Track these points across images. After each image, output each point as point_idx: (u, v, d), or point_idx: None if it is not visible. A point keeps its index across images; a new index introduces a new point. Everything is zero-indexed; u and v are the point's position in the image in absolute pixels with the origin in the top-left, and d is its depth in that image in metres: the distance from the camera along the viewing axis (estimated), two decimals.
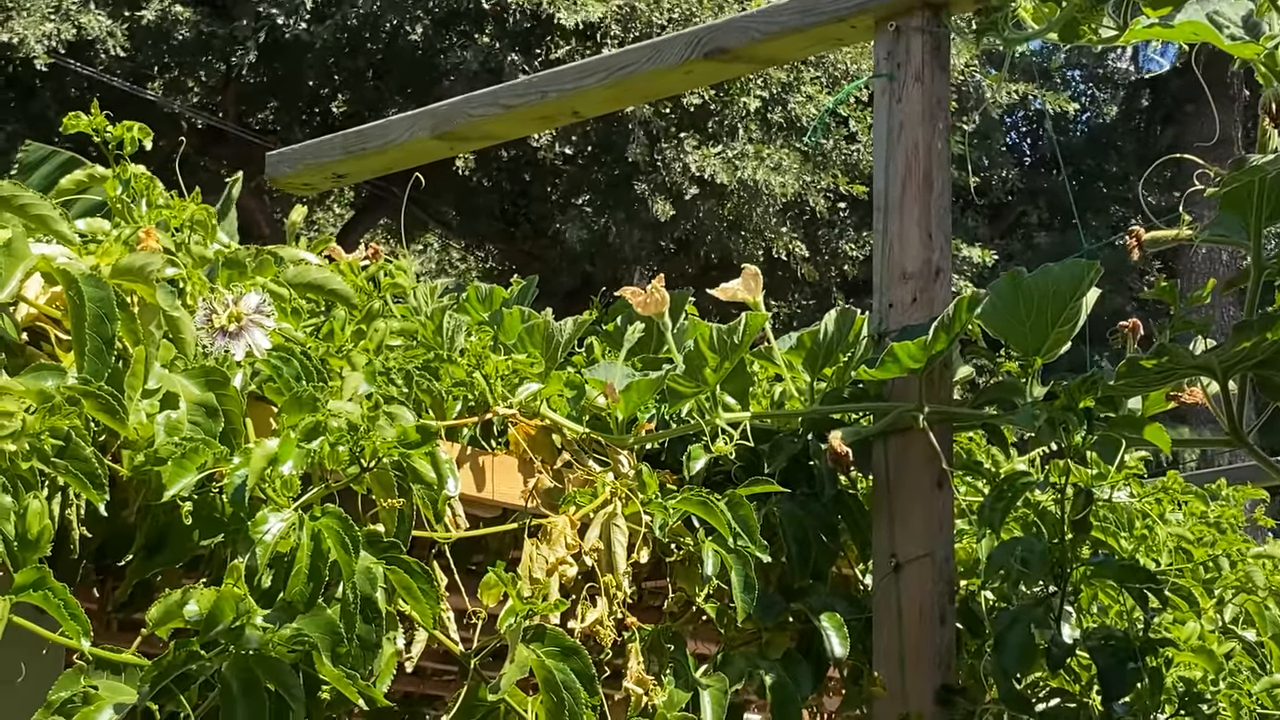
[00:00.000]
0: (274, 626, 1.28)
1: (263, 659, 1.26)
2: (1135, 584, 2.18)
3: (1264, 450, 2.05)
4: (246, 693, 1.27)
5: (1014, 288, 2.10)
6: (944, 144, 2.29)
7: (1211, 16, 1.67)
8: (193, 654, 1.24)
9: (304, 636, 1.30)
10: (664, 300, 2.13)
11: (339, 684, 1.35)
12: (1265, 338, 1.82)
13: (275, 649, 1.27)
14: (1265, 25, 1.65)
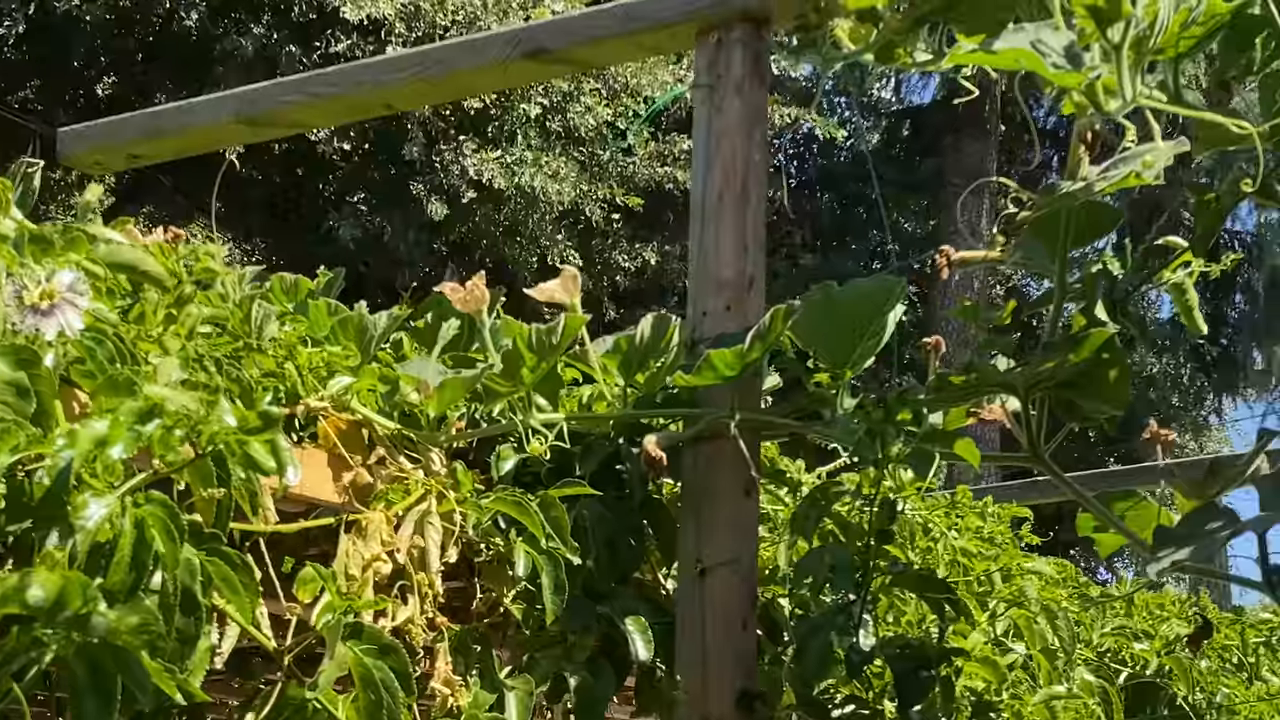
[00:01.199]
0: (122, 614, 1.22)
1: (111, 648, 1.20)
2: (932, 594, 2.24)
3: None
4: (95, 684, 1.20)
5: (825, 300, 2.14)
6: (761, 156, 2.32)
7: (1035, 44, 1.71)
8: (36, 640, 1.17)
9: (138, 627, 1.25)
10: (484, 297, 2.11)
11: (159, 678, 1.29)
12: (1068, 359, 1.88)
13: (124, 638, 1.21)
14: (1086, 56, 1.70)
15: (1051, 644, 2.85)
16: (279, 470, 1.46)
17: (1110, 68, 1.64)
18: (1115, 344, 1.91)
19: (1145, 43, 1.62)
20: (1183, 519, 1.85)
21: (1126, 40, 1.59)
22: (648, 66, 11.54)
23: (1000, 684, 2.47)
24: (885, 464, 2.04)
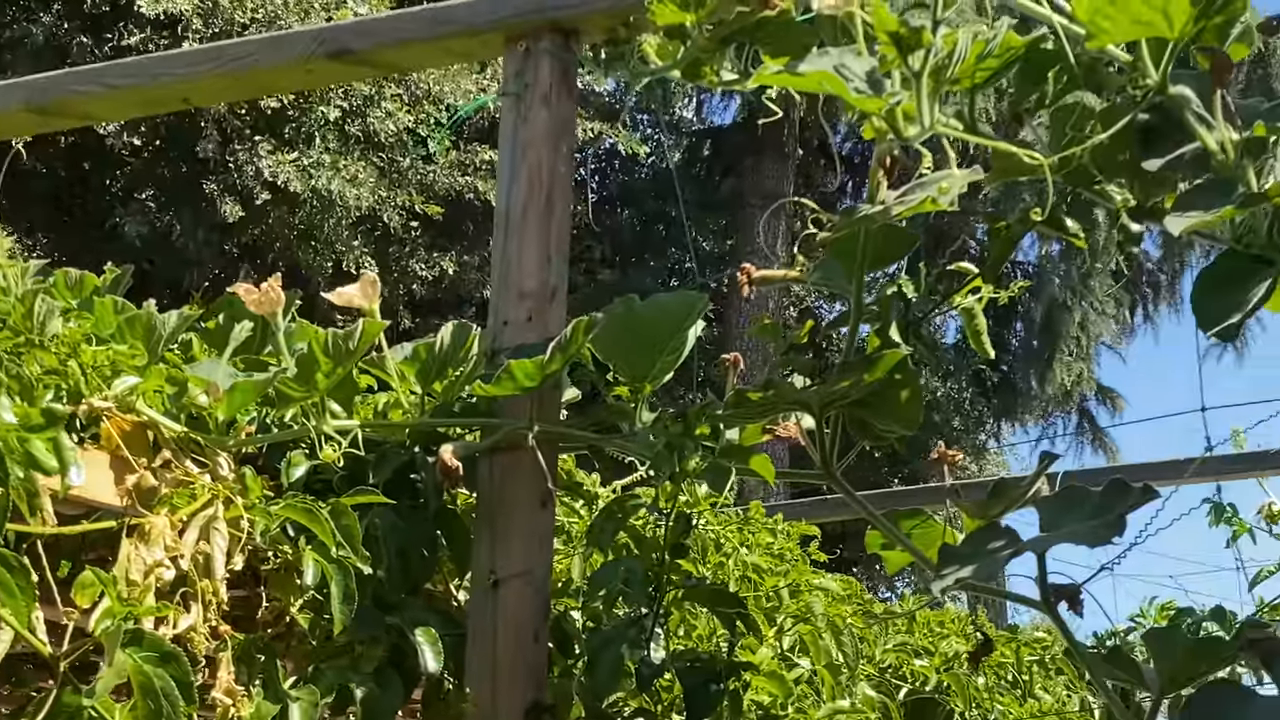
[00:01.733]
0: None
1: None
2: (724, 609, 2.26)
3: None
4: None
5: (627, 314, 2.14)
6: (567, 167, 2.32)
7: (839, 68, 1.74)
8: None
9: None
10: (278, 300, 2.07)
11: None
12: (863, 378, 1.92)
13: None
14: (887, 82, 1.74)
15: (836, 659, 2.90)
16: (61, 470, 1.41)
17: (910, 94, 1.68)
18: (908, 365, 1.95)
19: (944, 72, 1.66)
20: (966, 538, 1.89)
21: (926, 68, 1.63)
22: (451, 74, 11.49)
23: (786, 698, 2.51)
24: (682, 478, 2.05)
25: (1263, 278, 1.84)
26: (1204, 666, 1.76)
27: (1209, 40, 1.82)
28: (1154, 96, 1.83)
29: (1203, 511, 4.31)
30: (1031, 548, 1.81)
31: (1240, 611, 4.03)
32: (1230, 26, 1.82)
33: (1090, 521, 1.81)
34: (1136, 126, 1.93)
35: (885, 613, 3.65)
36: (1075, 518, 1.86)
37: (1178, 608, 4.17)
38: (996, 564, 1.80)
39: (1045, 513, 1.90)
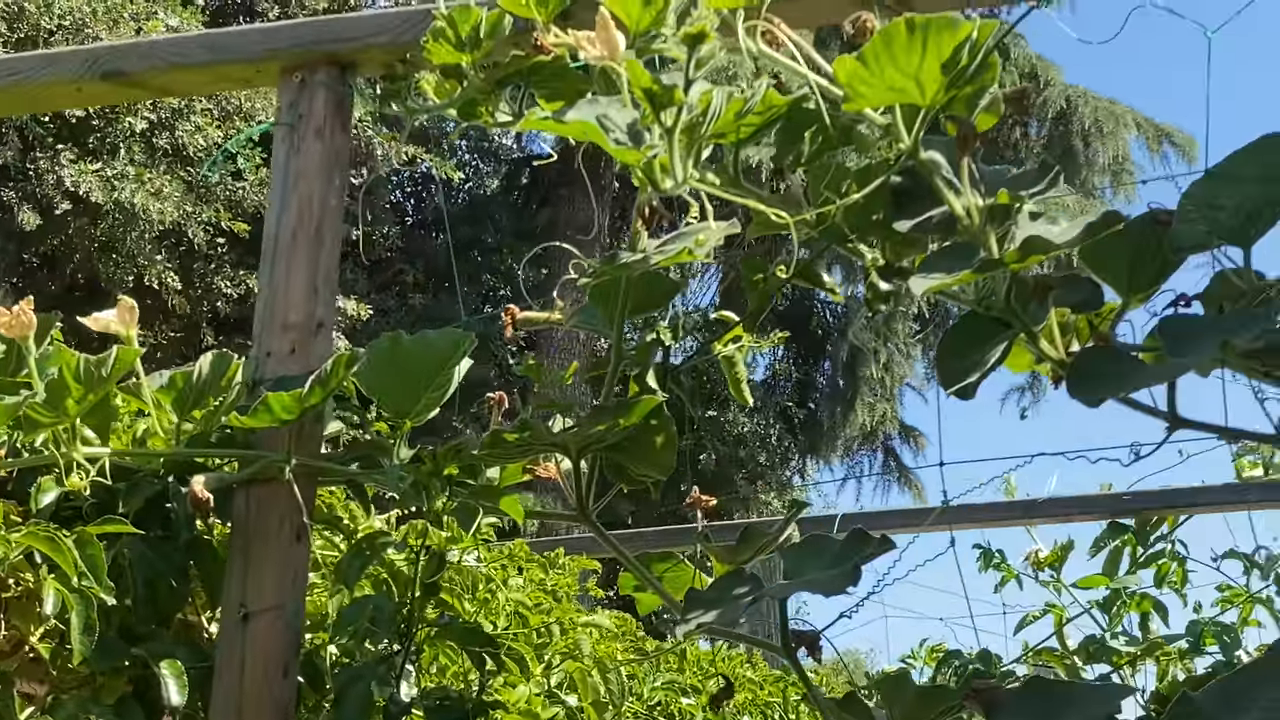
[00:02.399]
0: None
1: None
2: (475, 646, 2.27)
3: (602, 523, 2.18)
4: None
5: (393, 350, 2.14)
6: (338, 200, 2.31)
7: (601, 119, 1.77)
8: None
9: None
10: (30, 323, 2.02)
11: None
12: (618, 422, 1.94)
13: None
14: (647, 135, 1.77)
15: (603, 697, 2.92)
16: None
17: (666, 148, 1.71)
18: (663, 411, 1.98)
19: (699, 128, 1.70)
20: (712, 584, 1.92)
21: (679, 125, 1.66)
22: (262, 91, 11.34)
23: None
24: (430, 517, 2.05)
25: (1001, 339, 1.92)
26: (931, 713, 1.81)
27: (958, 110, 1.89)
28: (906, 160, 1.89)
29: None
30: (772, 594, 1.85)
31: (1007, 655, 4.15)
32: (979, 97, 1.89)
33: (829, 570, 1.86)
34: (889, 188, 1.99)
35: (655, 650, 3.69)
36: (816, 566, 1.91)
37: (946, 650, 4.28)
38: (738, 610, 1.83)
39: (789, 560, 1.94)
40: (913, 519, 4.93)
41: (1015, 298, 1.86)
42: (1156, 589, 4.17)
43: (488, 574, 2.60)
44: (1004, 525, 4.45)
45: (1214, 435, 1.82)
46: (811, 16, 2.10)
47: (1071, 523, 4.38)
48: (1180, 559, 4.17)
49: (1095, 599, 4.20)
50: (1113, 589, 4.14)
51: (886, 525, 4.85)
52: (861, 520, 5.40)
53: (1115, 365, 1.82)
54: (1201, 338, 1.74)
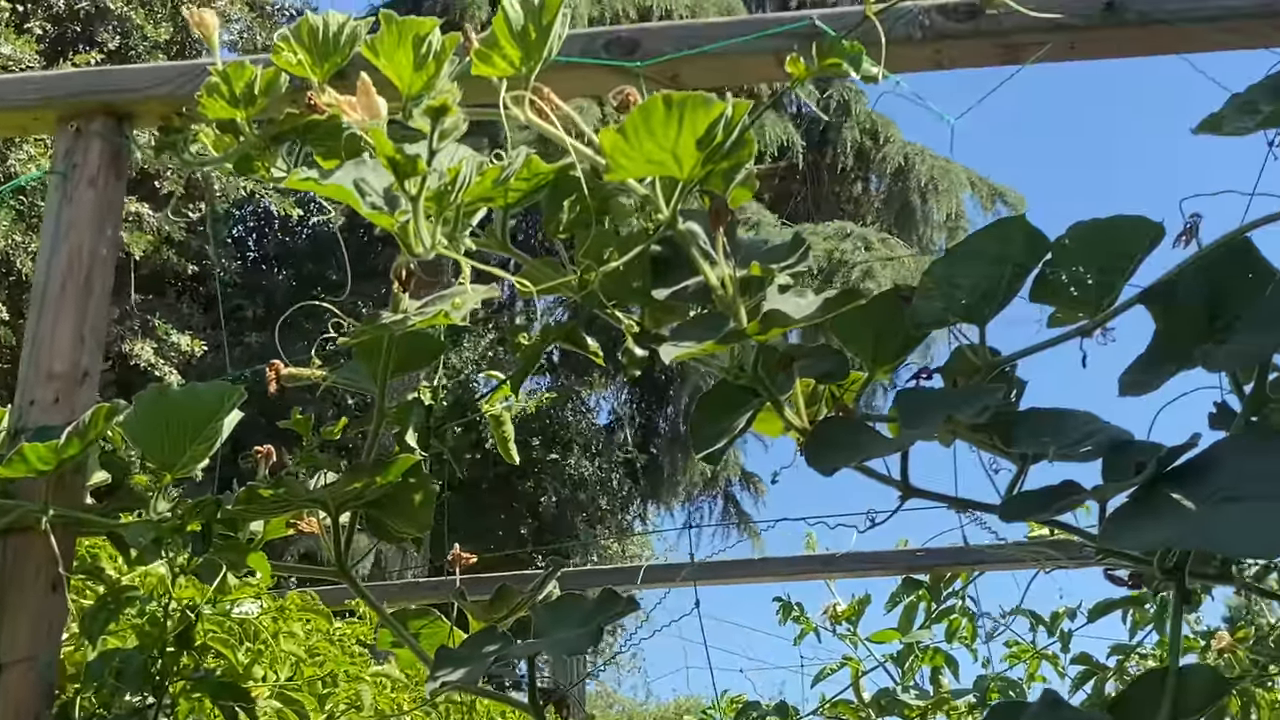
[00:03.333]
0: None
1: None
2: (228, 700, 2.26)
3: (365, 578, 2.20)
4: None
5: (159, 401, 2.13)
6: (110, 250, 2.30)
7: (357, 183, 1.80)
8: None
9: None
10: None
11: None
12: (375, 480, 1.97)
13: None
14: (401, 199, 1.79)
15: None
16: None
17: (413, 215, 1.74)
18: (421, 470, 2.01)
19: (448, 196, 1.73)
20: (465, 641, 1.95)
21: (423, 193, 1.70)
22: None
23: None
24: (178, 570, 2.06)
25: (749, 407, 1.98)
26: None
27: (715, 184, 1.95)
28: (665, 230, 1.94)
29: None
30: (521, 654, 1.88)
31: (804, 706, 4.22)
32: (735, 172, 1.96)
33: (576, 630, 1.89)
34: (650, 257, 2.04)
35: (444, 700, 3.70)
36: (566, 625, 1.94)
37: (746, 701, 4.34)
38: (482, 668, 1.86)
39: (542, 619, 1.98)
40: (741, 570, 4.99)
41: (763, 367, 1.92)
42: (948, 644, 4.28)
43: (257, 626, 2.59)
44: (804, 579, 4.54)
45: (945, 504, 1.89)
46: (581, 88, 2.15)
47: (869, 577, 4.48)
48: (971, 615, 4.28)
49: (890, 653, 4.30)
50: (906, 643, 4.24)
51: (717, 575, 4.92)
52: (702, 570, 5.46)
53: (852, 435, 1.89)
54: (931, 411, 1.81)
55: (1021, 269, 1.93)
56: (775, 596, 4.37)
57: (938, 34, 2.04)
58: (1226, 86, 1.89)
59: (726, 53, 2.10)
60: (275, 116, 2.15)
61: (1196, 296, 1.85)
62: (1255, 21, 1.96)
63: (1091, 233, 1.95)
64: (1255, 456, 1.63)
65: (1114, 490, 1.69)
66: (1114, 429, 1.89)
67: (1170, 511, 1.59)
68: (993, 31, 2.02)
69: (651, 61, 2.11)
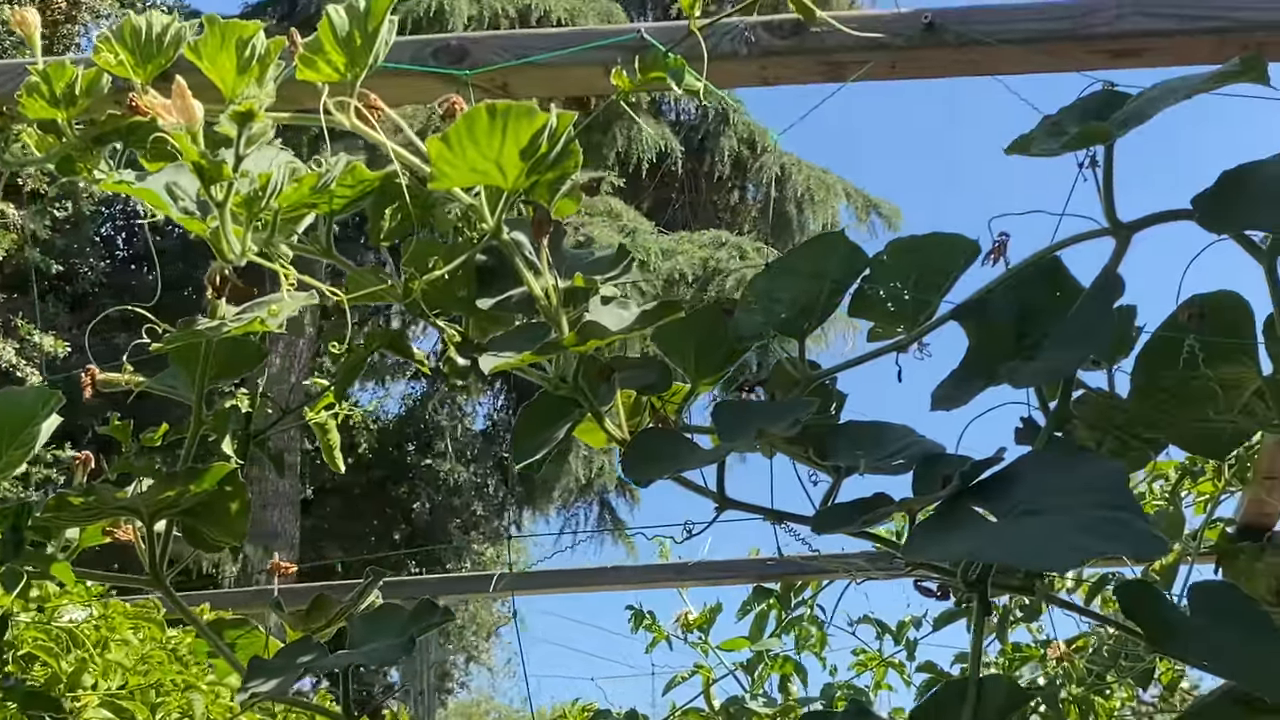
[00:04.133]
0: None
1: None
2: (38, 710, 2.22)
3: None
4: None
5: None
6: None
7: (169, 187, 1.78)
8: None
9: None
10: None
11: None
12: (189, 489, 1.94)
13: None
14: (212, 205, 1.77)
15: None
16: None
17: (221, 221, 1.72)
18: (237, 478, 1.99)
19: (258, 202, 1.72)
20: (280, 651, 1.94)
21: (230, 198, 1.68)
22: None
23: None
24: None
25: (570, 418, 1.98)
26: None
27: (541, 195, 1.95)
28: (490, 240, 1.95)
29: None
30: (333, 665, 1.87)
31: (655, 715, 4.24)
32: (561, 183, 1.96)
33: (390, 640, 1.89)
34: (476, 266, 2.04)
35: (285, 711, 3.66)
36: (382, 635, 1.94)
37: (597, 709, 4.35)
38: (294, 679, 1.85)
39: (359, 629, 1.97)
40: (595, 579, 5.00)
41: (584, 378, 1.93)
42: (797, 652, 4.33)
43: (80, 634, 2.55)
44: (658, 587, 4.56)
45: (760, 516, 1.91)
46: (410, 96, 2.15)
47: (721, 586, 4.51)
48: (819, 623, 4.33)
49: (740, 661, 4.33)
50: (756, 651, 4.27)
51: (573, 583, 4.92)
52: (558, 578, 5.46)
53: (671, 447, 1.90)
54: (746, 424, 1.83)
55: (839, 284, 1.95)
56: (628, 605, 4.39)
57: (763, 50, 2.06)
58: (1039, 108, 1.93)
59: (555, 63, 2.10)
60: (97, 118, 2.12)
61: (1007, 314, 1.88)
62: (1068, 44, 2.01)
63: (909, 249, 1.98)
64: (1056, 472, 1.67)
65: (921, 503, 1.73)
66: (928, 443, 1.92)
67: (971, 524, 1.62)
68: (816, 49, 2.04)
69: (480, 70, 2.11)
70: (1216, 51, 1.99)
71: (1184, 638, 1.69)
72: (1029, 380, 1.78)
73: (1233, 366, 1.89)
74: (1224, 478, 3.74)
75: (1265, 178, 1.65)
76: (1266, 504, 3.69)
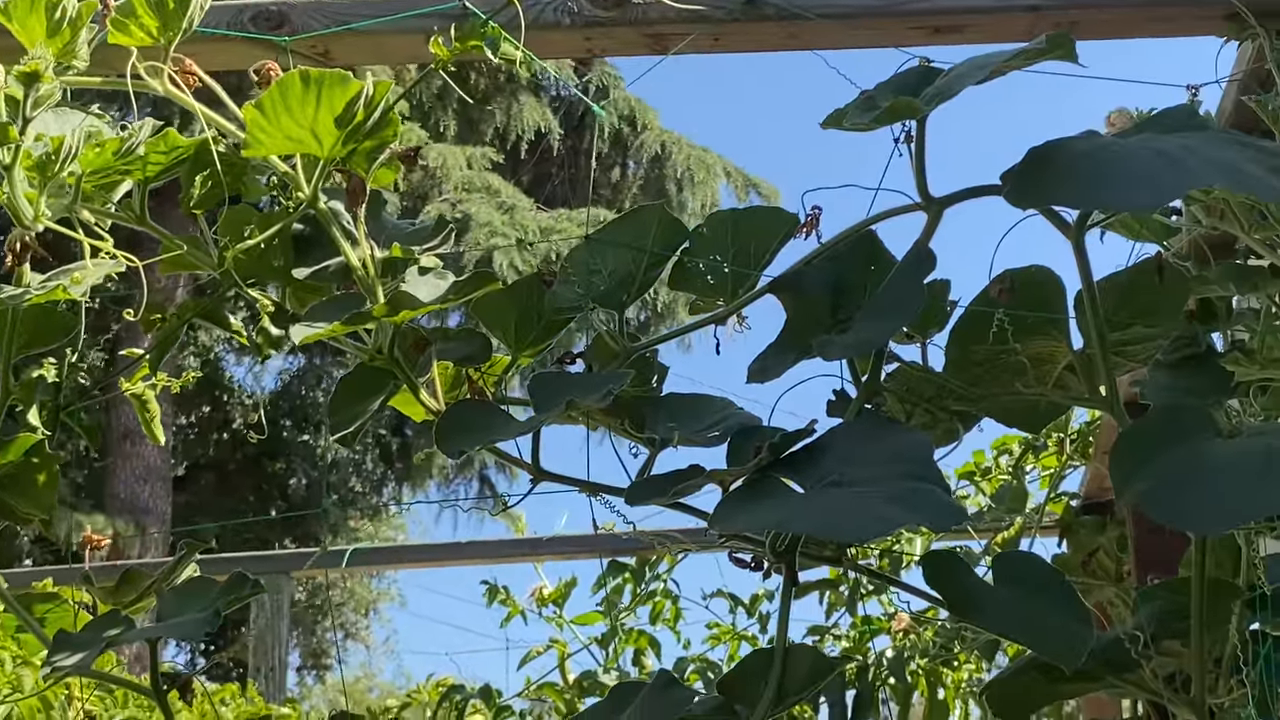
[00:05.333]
0: None
1: None
2: None
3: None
4: None
5: None
6: None
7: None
8: None
9: None
10: None
11: None
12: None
13: None
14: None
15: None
16: None
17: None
18: (44, 449, 1.94)
19: (51, 166, 1.67)
20: (87, 625, 1.90)
21: (18, 161, 1.64)
22: None
23: None
24: None
25: (386, 389, 1.96)
26: None
27: (358, 164, 1.93)
28: (306, 209, 1.92)
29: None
30: (137, 637, 1.84)
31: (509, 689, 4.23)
32: (379, 152, 1.94)
33: (197, 614, 1.86)
34: (293, 235, 2.01)
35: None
36: (190, 608, 1.91)
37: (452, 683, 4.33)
38: (97, 653, 1.81)
39: (168, 602, 1.94)
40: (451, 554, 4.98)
41: (399, 349, 1.91)
42: (651, 626, 4.34)
43: None
44: (513, 561, 4.55)
45: (575, 488, 1.90)
46: (229, 61, 2.11)
47: (576, 560, 4.51)
48: (674, 597, 4.34)
49: (595, 635, 4.33)
50: (611, 625, 4.28)
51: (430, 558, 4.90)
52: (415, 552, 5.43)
53: (485, 418, 1.89)
54: (559, 394, 1.82)
55: (657, 257, 1.95)
56: (482, 580, 4.38)
57: (586, 21, 2.05)
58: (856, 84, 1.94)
59: (376, 31, 2.08)
60: None
61: (823, 287, 1.89)
62: (888, 20, 2.02)
63: (728, 222, 1.99)
64: (864, 443, 1.68)
65: (732, 474, 1.73)
66: (745, 415, 1.93)
67: (780, 495, 1.63)
68: (639, 21, 2.04)
69: (300, 37, 2.08)
70: (1032, 27, 2.01)
71: (985, 606, 1.71)
72: (840, 353, 1.78)
73: (1043, 340, 1.91)
74: (1065, 452, 3.80)
75: (1071, 154, 1.66)
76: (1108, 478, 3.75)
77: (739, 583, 4.29)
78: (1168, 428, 1.63)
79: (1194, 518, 1.52)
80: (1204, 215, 2.12)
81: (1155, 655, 1.77)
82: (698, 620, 4.39)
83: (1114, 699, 3.50)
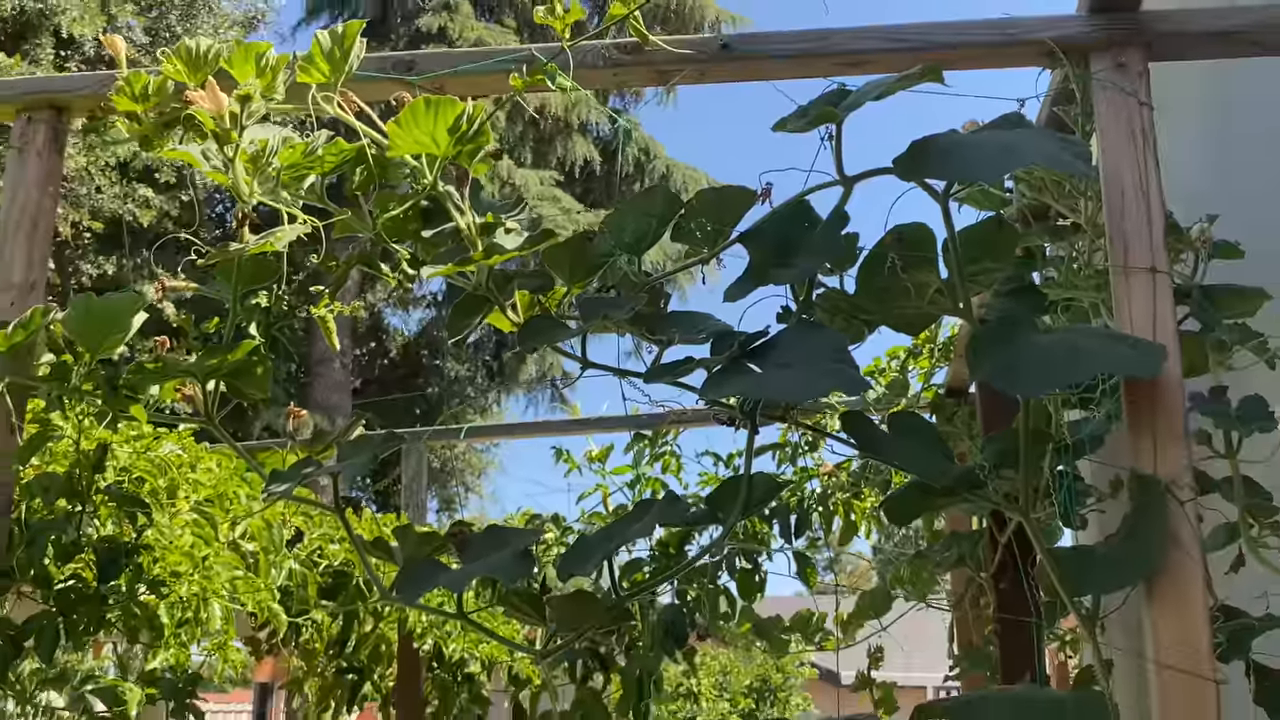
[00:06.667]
0: None
1: None
2: (130, 507, 2.15)
3: None
4: None
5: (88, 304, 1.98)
6: (52, 201, 2.14)
7: (204, 151, 1.69)
8: None
9: None
10: None
11: None
12: (227, 358, 1.87)
13: None
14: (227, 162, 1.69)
15: (269, 545, 2.83)
16: None
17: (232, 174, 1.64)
18: (260, 350, 1.92)
19: (260, 160, 1.64)
20: (291, 464, 1.87)
21: (238, 156, 1.60)
22: None
23: (194, 566, 2.42)
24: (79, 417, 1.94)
25: (485, 310, 1.93)
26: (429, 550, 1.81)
27: (464, 160, 1.88)
28: (430, 190, 1.88)
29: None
30: (323, 473, 1.81)
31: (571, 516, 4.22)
32: (477, 153, 1.89)
33: (360, 458, 1.83)
34: (420, 208, 1.97)
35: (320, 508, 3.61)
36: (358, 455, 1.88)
37: (534, 513, 4.32)
38: (296, 484, 1.78)
39: (343, 451, 1.91)
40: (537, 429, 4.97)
41: (493, 282, 1.88)
42: (663, 475, 4.31)
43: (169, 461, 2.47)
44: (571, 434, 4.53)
45: (611, 373, 1.87)
46: (377, 94, 2.06)
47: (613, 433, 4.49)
48: (677, 455, 4.32)
49: (626, 481, 4.31)
50: (636, 475, 4.25)
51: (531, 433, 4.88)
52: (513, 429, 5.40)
53: (550, 326, 1.85)
54: (597, 311, 1.78)
55: (663, 220, 1.91)
56: (552, 446, 4.35)
57: (614, 63, 1.99)
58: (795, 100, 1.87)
59: (475, 72, 2.03)
60: (165, 109, 2.01)
61: (774, 239, 1.84)
62: (816, 58, 1.96)
63: (711, 197, 1.93)
64: (801, 340, 1.65)
65: (715, 362, 1.69)
66: (721, 324, 1.88)
67: (745, 374, 1.60)
68: (649, 62, 1.98)
69: (424, 76, 2.03)
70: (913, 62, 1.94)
71: (881, 446, 1.68)
72: (787, 279, 1.74)
73: (922, 273, 1.86)
74: (934, 358, 3.75)
75: (941, 144, 1.62)
76: (963, 372, 3.71)
77: (721, 444, 4.26)
78: (1004, 331, 1.60)
79: (1022, 386, 1.50)
80: (1028, 190, 2.07)
81: (995, 480, 1.74)
82: (693, 471, 4.37)
83: (967, 514, 3.47)
